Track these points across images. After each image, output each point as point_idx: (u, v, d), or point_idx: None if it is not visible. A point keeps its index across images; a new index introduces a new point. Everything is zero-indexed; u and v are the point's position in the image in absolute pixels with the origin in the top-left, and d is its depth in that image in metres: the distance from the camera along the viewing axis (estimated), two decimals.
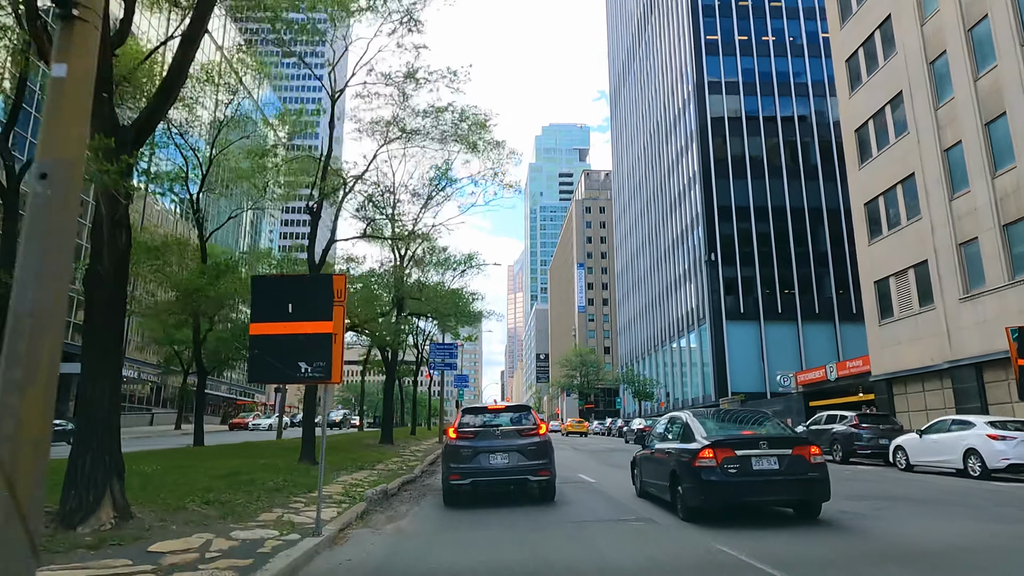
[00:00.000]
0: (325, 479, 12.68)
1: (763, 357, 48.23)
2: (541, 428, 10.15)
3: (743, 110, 52.80)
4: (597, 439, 46.34)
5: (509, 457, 9.68)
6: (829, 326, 48.98)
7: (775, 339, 48.53)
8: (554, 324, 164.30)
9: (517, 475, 9.71)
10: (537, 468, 9.69)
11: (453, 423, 10.86)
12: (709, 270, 49.68)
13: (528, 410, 10.77)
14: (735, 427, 9.00)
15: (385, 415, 26.17)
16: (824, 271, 49.89)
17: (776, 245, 50.10)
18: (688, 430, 8.75)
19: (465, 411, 10.91)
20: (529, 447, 9.77)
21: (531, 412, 10.68)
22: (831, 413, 21.44)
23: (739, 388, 46.88)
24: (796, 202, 50.87)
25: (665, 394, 62.37)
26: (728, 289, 49.36)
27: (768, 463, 7.72)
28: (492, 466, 9.65)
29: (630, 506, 9.81)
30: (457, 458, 9.81)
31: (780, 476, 7.66)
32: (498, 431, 10.11)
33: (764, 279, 49.61)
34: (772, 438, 8.05)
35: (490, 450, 9.73)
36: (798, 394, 34.93)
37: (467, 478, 9.68)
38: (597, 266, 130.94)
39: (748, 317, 48.96)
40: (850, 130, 29.05)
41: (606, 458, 22.01)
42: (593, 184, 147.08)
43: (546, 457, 9.87)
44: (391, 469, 15.95)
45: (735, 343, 48.43)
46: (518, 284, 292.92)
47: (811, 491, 7.86)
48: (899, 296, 25.49)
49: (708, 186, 51.11)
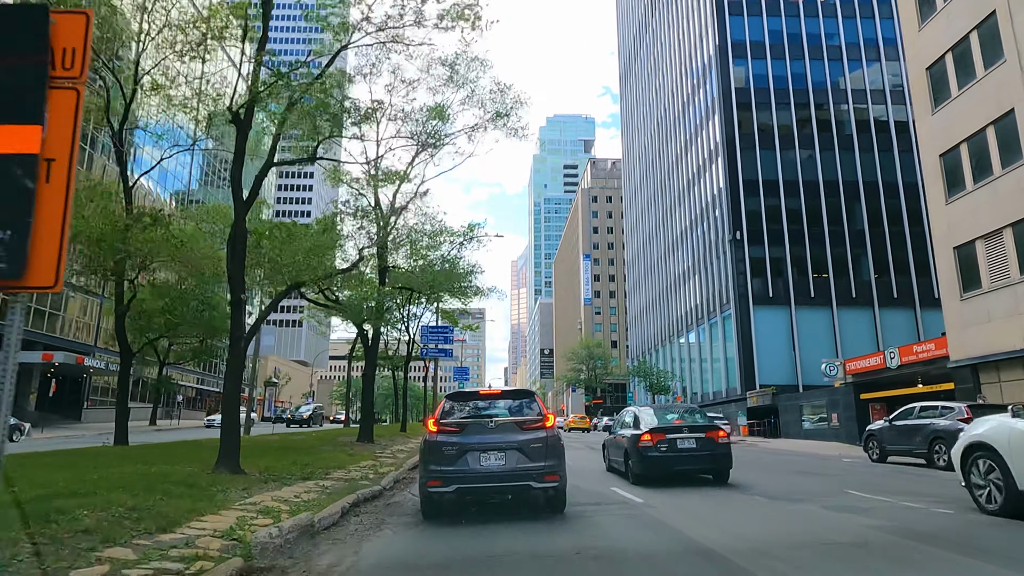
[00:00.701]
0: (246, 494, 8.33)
1: (794, 345, 43.56)
2: (548, 420, 7.92)
3: (770, 75, 48.04)
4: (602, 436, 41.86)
5: (506, 457, 7.49)
6: (867, 312, 44.26)
7: (807, 326, 43.84)
8: (559, 318, 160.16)
9: (516, 481, 7.48)
10: (543, 471, 7.49)
11: (434, 412, 8.44)
12: (733, 251, 45.00)
13: (531, 397, 8.39)
14: (670, 418, 11.97)
15: (364, 409, 21.74)
16: (861, 252, 45.15)
17: (808, 223, 45.37)
18: (637, 420, 11.97)
19: (450, 397, 8.44)
20: (532, 444, 7.56)
21: (535, 399, 8.34)
22: (927, 405, 16.83)
23: (768, 380, 42.25)
24: (829, 175, 46.12)
25: (681, 388, 57.71)
26: (755, 271, 44.68)
27: (689, 443, 11.07)
28: (484, 469, 7.46)
29: None
30: (438, 458, 7.59)
31: (697, 452, 11.05)
32: (492, 423, 7.74)
33: (795, 260, 44.90)
34: (692, 426, 11.41)
35: (481, 448, 7.52)
36: (846, 385, 30.30)
37: (450, 484, 7.44)
38: (604, 257, 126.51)
39: (777, 302, 44.27)
40: (920, 69, 24.37)
41: None
42: (600, 173, 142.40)
43: (554, 457, 7.65)
44: (350, 479, 11.55)
45: (763, 330, 43.76)
46: (522, 280, 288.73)
47: (718, 462, 11.25)
48: (990, 263, 20.83)
49: (732, 159, 46.38)
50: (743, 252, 44.86)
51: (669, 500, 9.34)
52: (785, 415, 37.15)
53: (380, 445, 21.27)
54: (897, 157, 46.32)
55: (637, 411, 12.48)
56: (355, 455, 16.41)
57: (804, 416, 34.71)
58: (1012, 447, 7.23)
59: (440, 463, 7.49)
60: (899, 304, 44.22)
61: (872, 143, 46.72)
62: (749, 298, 44.13)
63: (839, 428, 30.70)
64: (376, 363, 21.88)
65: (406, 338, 34.19)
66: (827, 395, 32.17)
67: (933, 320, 42.71)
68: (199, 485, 8.75)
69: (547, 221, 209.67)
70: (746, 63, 48.02)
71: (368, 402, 21.67)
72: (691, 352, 55.85)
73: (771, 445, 30.02)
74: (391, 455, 17.45)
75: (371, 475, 12.37)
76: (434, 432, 7.74)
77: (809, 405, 34.38)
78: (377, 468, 13.62)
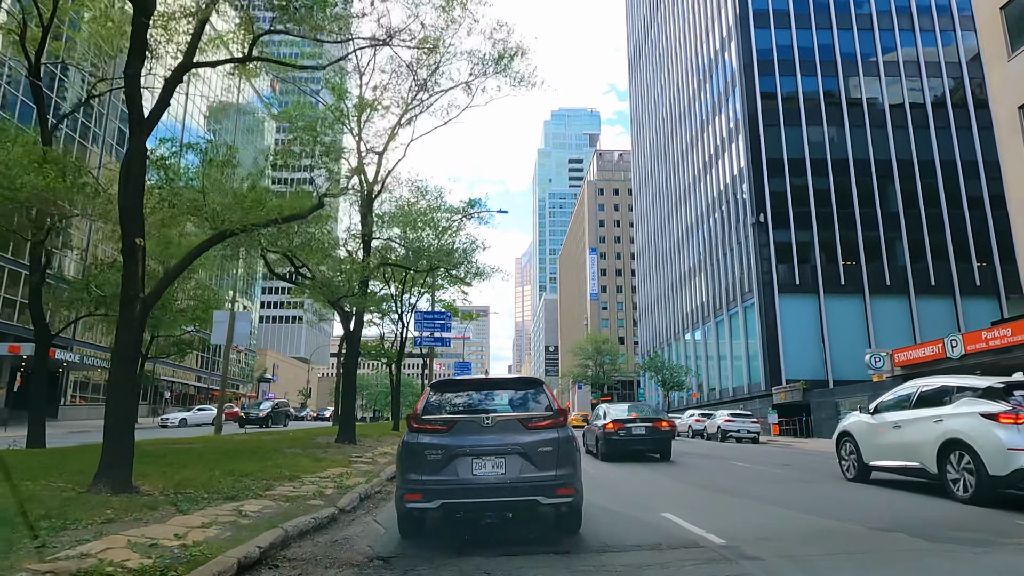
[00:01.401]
0: (86, 535, 5.24)
1: (823, 337, 40.12)
2: (561, 415, 6.00)
3: (795, 46, 44.54)
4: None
5: (506, 464, 5.63)
6: (902, 300, 40.77)
7: (838, 316, 40.40)
8: (564, 315, 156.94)
9: (519, 495, 5.56)
10: (554, 483, 5.59)
11: (415, 406, 6.39)
12: (757, 235, 41.58)
13: (538, 386, 6.42)
14: (628, 413, 16.33)
15: (343, 404, 18.52)
16: (895, 235, 41.65)
17: (837, 204, 41.89)
18: (606, 414, 16.43)
19: (436, 387, 6.49)
20: (540, 447, 5.68)
21: (543, 389, 6.37)
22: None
23: (795, 374, 38.86)
24: (860, 153, 42.62)
25: (697, 383, 54.30)
26: (780, 257, 41.25)
27: (641, 431, 15.53)
28: (477, 479, 5.59)
29: None
30: (418, 465, 5.69)
31: (647, 437, 15.58)
32: (489, 420, 5.77)
33: (823, 245, 41.44)
34: (644, 417, 15.92)
35: (475, 452, 5.65)
36: (893, 379, 26.90)
37: (433, 498, 5.56)
38: (611, 251, 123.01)
39: (804, 290, 40.84)
40: (992, 9, 20.93)
41: None
42: (606, 165, 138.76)
43: (568, 464, 5.72)
44: (295, 498, 8.41)
45: (789, 321, 40.35)
46: (526, 277, 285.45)
47: (662, 444, 15.95)
48: None
49: (755, 136, 42.93)
50: (767, 236, 41.44)
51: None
52: (818, 412, 33.78)
53: (363, 447, 18.03)
54: (934, 134, 42.79)
55: (606, 408, 17.07)
56: (324, 460, 13.18)
57: (841, 413, 31.32)
58: (860, 434, 10.86)
59: (421, 471, 5.73)
60: (937, 292, 40.72)
61: (906, 119, 43.19)
62: (774, 286, 40.71)
63: None
64: (359, 352, 18.64)
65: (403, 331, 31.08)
66: (871, 390, 28.75)
67: (976, 309, 39.27)
68: (15, 521, 5.47)
69: (552, 216, 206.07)
70: (769, 33, 44.54)
71: (349, 396, 18.42)
72: (707, 345, 52.42)
73: (807, 445, 26.69)
74: (370, 460, 14.21)
75: (330, 490, 9.13)
76: (414, 431, 5.98)
77: (848, 401, 30.99)
78: (343, 479, 10.37)
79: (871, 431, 10.50)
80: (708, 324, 51.56)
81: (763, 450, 23.14)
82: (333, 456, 14.29)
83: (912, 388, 10.05)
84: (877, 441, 10.30)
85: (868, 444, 10.50)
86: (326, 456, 14.14)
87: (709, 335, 51.61)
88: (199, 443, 15.72)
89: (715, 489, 10.32)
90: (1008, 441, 7.82)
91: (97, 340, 47.73)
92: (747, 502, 8.84)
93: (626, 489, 10.48)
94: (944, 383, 9.45)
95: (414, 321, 25.94)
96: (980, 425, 8.23)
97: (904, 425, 9.64)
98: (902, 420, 9.71)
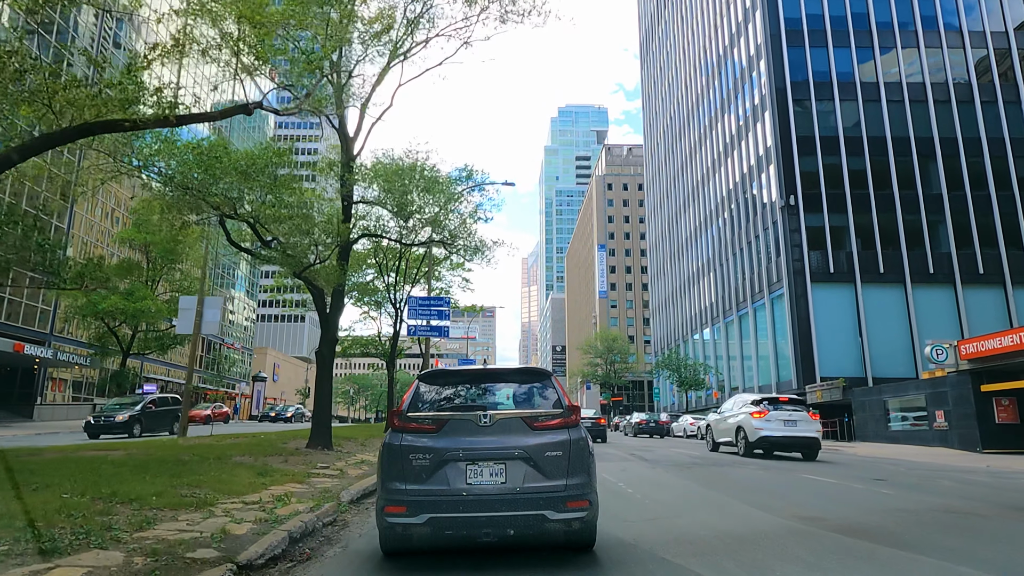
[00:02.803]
0: None
1: (861, 330, 36.58)
2: (573, 415, 5.06)
3: (826, 14, 41.05)
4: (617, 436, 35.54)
5: (507, 471, 4.74)
6: (947, 290, 37.19)
7: (876, 307, 36.86)
8: (571, 314, 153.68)
9: (522, 509, 4.64)
10: (564, 494, 4.70)
11: (401, 401, 5.31)
12: (786, 219, 38.10)
13: (546, 379, 5.36)
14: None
15: (317, 401, 15.23)
16: (939, 219, 38.07)
17: (874, 186, 38.36)
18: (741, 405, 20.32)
19: (425, 378, 5.47)
20: (548, 451, 4.80)
21: (551, 382, 5.34)
22: None
23: (831, 371, 35.37)
24: (899, 131, 39.08)
25: (718, 383, 50.78)
26: (813, 243, 37.74)
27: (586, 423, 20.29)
28: (472, 490, 4.69)
29: None
30: (402, 471, 4.81)
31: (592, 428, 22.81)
32: (487, 418, 4.90)
33: (860, 230, 37.91)
34: (589, 417, 26.47)
35: (470, 456, 4.76)
36: (958, 374, 23.39)
37: (420, 512, 4.66)
38: (620, 247, 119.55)
39: (840, 279, 37.31)
40: None
41: None
42: (615, 159, 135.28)
43: (581, 471, 4.83)
44: (180, 542, 5.01)
45: (823, 312, 36.84)
46: (532, 278, 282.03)
47: (600, 433, 25.92)
48: None
49: (784, 112, 39.46)
50: (798, 221, 37.94)
51: None
52: (862, 413, 30.27)
53: (338, 453, 14.73)
54: (979, 109, 39.19)
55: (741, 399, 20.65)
56: (274, 473, 9.90)
57: (891, 414, 27.83)
58: (713, 425, 20.47)
59: (405, 479, 4.73)
60: (986, 281, 37.12)
61: (948, 93, 39.60)
62: (806, 274, 37.19)
63: (948, 429, 23.84)
64: (336, 339, 15.35)
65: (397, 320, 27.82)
66: (929, 387, 25.25)
67: None
68: None
69: (559, 214, 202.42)
70: (798, 0, 41.06)
71: (324, 392, 15.13)
72: (728, 341, 48.87)
73: (858, 450, 23.22)
74: (336, 473, 10.91)
75: (244, 527, 5.89)
76: (397, 430, 5.00)
77: (898, 400, 27.49)
78: (279, 505, 7.11)
79: (717, 422, 20.11)
80: (730, 318, 48.02)
81: (824, 457, 19.72)
82: (290, 468, 11.00)
83: (731, 400, 19.82)
84: (719, 428, 19.89)
85: (715, 430, 20.16)
86: (281, 468, 10.85)
87: (731, 330, 48.07)
88: (120, 449, 12.47)
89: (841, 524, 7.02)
90: (757, 425, 17.05)
91: (76, 335, 44.69)
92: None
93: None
94: (740, 398, 19.49)
95: (408, 309, 22.64)
96: (747, 419, 17.56)
97: (726, 420, 19.16)
98: (725, 417, 19.25)
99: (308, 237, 12.58)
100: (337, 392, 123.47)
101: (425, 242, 17.63)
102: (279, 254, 12.73)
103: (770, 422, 16.80)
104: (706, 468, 13.90)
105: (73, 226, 45.04)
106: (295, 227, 12.16)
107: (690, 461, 15.88)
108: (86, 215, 47.72)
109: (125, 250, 45.46)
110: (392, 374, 26.43)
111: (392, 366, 26.34)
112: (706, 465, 14.66)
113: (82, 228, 47.49)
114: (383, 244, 25.49)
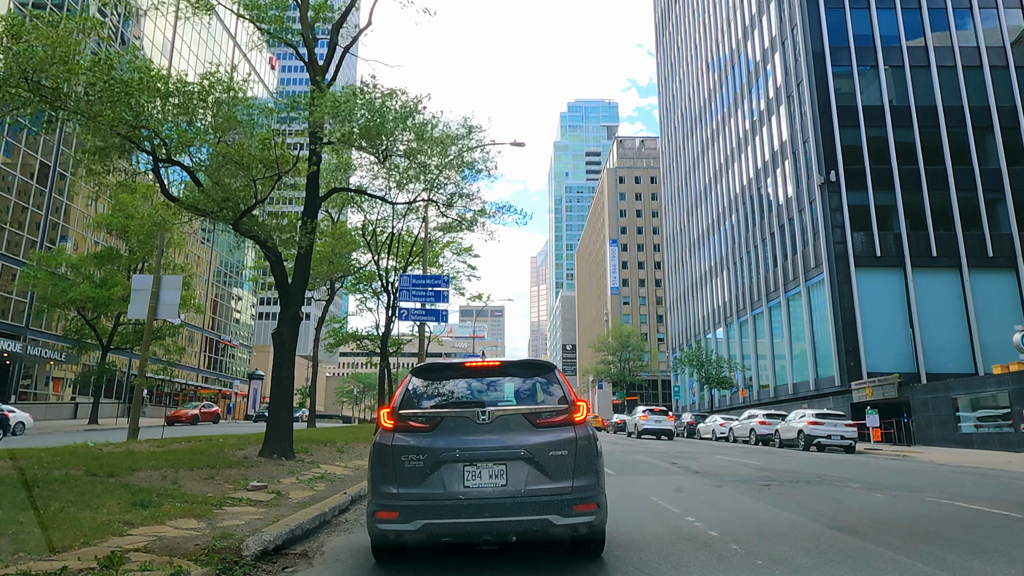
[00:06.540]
0: None
1: (911, 321, 32.74)
2: (578, 411, 4.66)
3: None
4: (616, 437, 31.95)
5: (508, 473, 4.36)
6: (1009, 275, 33.30)
7: (929, 294, 33.03)
8: (582, 311, 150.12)
9: (525, 513, 4.25)
10: (569, 497, 4.32)
11: (392, 398, 4.85)
12: (826, 197, 34.33)
13: (550, 372, 4.93)
14: None
15: (274, 396, 11.80)
16: (998, 197, 34.19)
17: (925, 160, 34.52)
18: None
19: (418, 373, 5.01)
20: (553, 451, 4.42)
21: (555, 376, 4.91)
22: None
23: (878, 366, 31.63)
24: (951, 99, 35.21)
25: (745, 380, 46.96)
26: (856, 223, 33.97)
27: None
28: (470, 493, 4.33)
29: None
30: (394, 473, 4.44)
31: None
32: (486, 415, 4.52)
33: (909, 209, 34.08)
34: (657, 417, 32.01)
35: (467, 456, 4.40)
36: None
37: (413, 517, 4.27)
38: (632, 242, 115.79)
39: (887, 263, 33.51)
40: None
41: None
42: (627, 152, 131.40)
43: (589, 473, 4.45)
44: None
45: (869, 300, 33.06)
46: (542, 276, 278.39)
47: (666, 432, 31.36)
48: None
49: (822, 80, 35.69)
50: (839, 199, 34.17)
51: None
52: (923, 413, 26.48)
53: (297, 464, 11.23)
54: None
55: None
56: (170, 500, 6.45)
57: (962, 414, 24.05)
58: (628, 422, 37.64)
59: (397, 482, 4.37)
60: None
61: (1006, 57, 35.69)
62: (849, 258, 33.42)
63: None
64: (298, 316, 11.93)
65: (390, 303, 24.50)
66: (1013, 383, 21.46)
67: None
68: None
69: (568, 211, 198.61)
70: None
71: (283, 386, 11.69)
72: (757, 335, 45.06)
73: (937, 455, 19.49)
74: (271, 496, 7.40)
75: None
76: (389, 429, 4.62)
77: (972, 397, 23.70)
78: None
79: (632, 420, 35.19)
80: (759, 310, 44.20)
81: (887, 465, 16.06)
82: (201, 491, 7.48)
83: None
84: (635, 423, 33.80)
85: (631, 425, 35.46)
86: (188, 491, 7.34)
87: (760, 323, 44.26)
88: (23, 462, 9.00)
89: None
90: (641, 423, 32.72)
91: (51, 328, 41.57)
92: None
93: None
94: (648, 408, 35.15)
95: (400, 291, 19.18)
96: (633, 418, 34.94)
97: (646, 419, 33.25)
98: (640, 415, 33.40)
99: (244, 172, 9.17)
100: (342, 391, 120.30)
101: (415, 200, 14.11)
102: (203, 195, 9.33)
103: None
104: (797, 487, 10.31)
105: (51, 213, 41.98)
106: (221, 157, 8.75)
107: (757, 475, 12.26)
108: (65, 200, 44.68)
109: (102, 236, 42.33)
110: (385, 367, 22.95)
111: (385, 357, 22.86)
112: (786, 483, 11.03)
113: (61, 216, 44.43)
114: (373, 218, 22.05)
